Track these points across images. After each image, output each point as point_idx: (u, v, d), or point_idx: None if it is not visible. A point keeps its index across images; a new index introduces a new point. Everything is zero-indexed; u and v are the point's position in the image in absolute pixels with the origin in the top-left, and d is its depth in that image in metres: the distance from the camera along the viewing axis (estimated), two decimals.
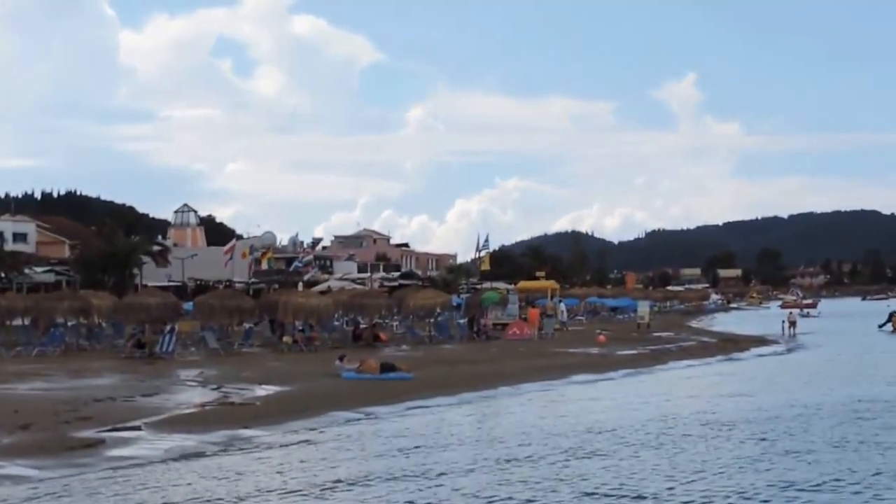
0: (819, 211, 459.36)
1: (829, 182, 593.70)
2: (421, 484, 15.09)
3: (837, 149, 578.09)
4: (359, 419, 23.35)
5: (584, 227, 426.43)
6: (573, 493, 14.11)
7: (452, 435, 20.71)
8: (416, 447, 18.78)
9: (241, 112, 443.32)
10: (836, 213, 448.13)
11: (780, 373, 35.88)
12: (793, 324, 62.92)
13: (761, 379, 33.68)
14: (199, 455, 18.09)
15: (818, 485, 14.37)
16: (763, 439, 18.69)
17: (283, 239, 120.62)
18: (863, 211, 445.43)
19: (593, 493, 14.09)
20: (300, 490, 14.82)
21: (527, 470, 16.01)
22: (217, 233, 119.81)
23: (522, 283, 79.17)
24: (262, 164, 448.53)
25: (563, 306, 62.84)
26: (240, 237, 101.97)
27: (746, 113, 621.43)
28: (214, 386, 28.61)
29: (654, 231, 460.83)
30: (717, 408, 24.09)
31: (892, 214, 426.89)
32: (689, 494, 13.86)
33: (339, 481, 15.35)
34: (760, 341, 54.02)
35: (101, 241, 69.29)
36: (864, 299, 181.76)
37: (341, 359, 33.51)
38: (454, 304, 60.17)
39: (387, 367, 31.48)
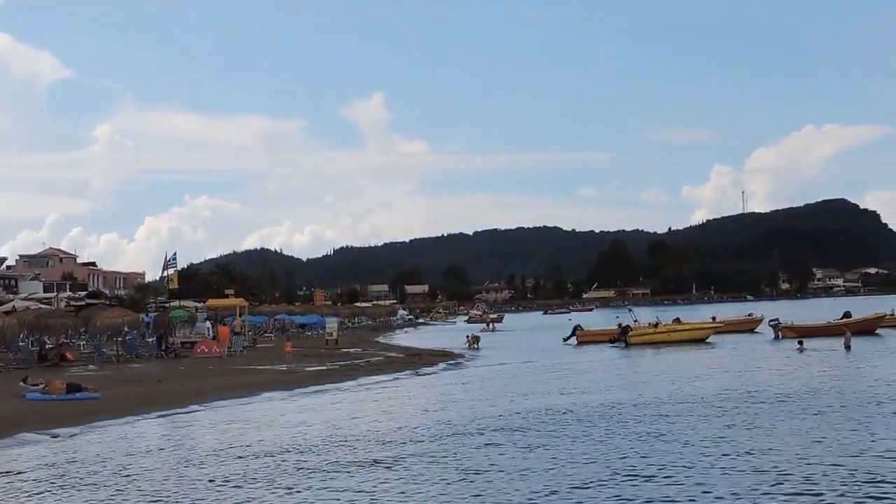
0: (503, 227, 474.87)
1: (512, 199, 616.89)
2: None
3: (520, 167, 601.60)
4: (44, 440, 23.14)
5: (273, 245, 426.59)
6: None
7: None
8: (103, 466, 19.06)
9: None
10: (520, 230, 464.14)
11: (457, 388, 36.50)
12: (476, 339, 65.49)
13: (437, 395, 34.33)
14: None
15: None
16: (395, 462, 18.69)
17: None
18: (545, 227, 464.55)
19: None
20: None
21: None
22: None
23: (211, 301, 79.01)
24: None
25: (207, 324, 61.60)
26: None
27: (432, 132, 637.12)
28: None
29: (342, 248, 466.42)
30: (376, 426, 24.47)
31: (574, 230, 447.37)
32: None
33: None
34: (445, 356, 55.45)
35: None
36: (545, 313, 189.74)
37: (25, 380, 32.91)
38: (143, 322, 59.49)
39: (73, 387, 31.16)
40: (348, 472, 17.70)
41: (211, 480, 17.18)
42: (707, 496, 14.51)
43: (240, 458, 19.78)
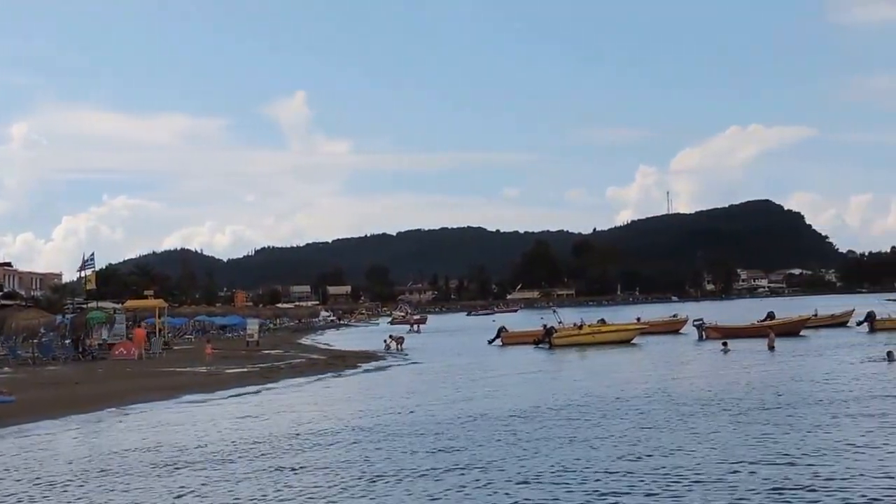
0: (427, 228, 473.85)
1: (436, 199, 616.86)
2: None
3: (444, 167, 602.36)
4: None
5: (194, 245, 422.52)
6: None
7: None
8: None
9: None
10: (443, 230, 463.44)
11: (378, 391, 36.19)
12: (401, 339, 64.97)
13: (356, 397, 34.07)
14: None
15: None
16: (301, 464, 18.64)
17: None
18: (469, 227, 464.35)
19: None
20: None
21: None
22: None
23: (130, 302, 77.91)
24: None
25: (117, 328, 60.06)
26: None
27: (355, 131, 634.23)
28: None
29: (264, 248, 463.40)
30: (285, 428, 24.09)
31: (498, 231, 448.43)
32: None
33: None
34: (368, 357, 55.04)
35: None
36: (469, 314, 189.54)
37: None
38: (59, 323, 58.49)
39: None
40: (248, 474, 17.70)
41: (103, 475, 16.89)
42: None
43: (149, 458, 19.73)
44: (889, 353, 38.04)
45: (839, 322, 70.26)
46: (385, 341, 65.15)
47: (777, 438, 19.38)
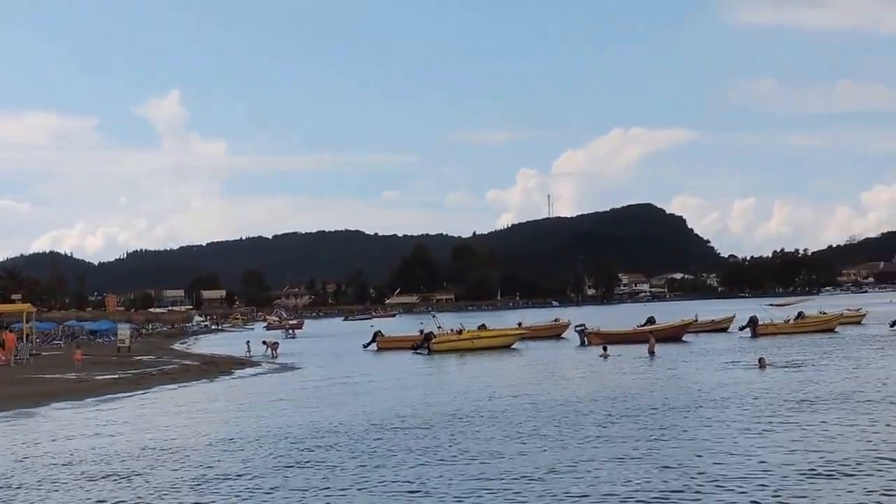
0: (304, 231, 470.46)
1: (313, 202, 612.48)
2: None
3: (323, 169, 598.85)
4: None
5: (64, 248, 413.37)
6: None
7: None
8: None
9: None
10: (321, 234, 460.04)
11: (247, 397, 35.82)
12: (274, 345, 64.13)
13: (222, 406, 33.16)
14: None
15: None
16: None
17: None
18: (347, 231, 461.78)
19: None
20: None
21: None
22: None
23: None
24: None
25: None
26: None
27: (232, 132, 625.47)
28: None
29: (136, 252, 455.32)
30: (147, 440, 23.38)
31: (376, 234, 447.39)
32: None
33: None
34: (243, 363, 54.51)
35: None
36: (346, 319, 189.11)
37: None
38: None
39: None
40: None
41: None
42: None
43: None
44: (760, 360, 38.82)
45: (720, 328, 71.23)
46: (247, 343, 64.44)
47: (636, 445, 19.49)
